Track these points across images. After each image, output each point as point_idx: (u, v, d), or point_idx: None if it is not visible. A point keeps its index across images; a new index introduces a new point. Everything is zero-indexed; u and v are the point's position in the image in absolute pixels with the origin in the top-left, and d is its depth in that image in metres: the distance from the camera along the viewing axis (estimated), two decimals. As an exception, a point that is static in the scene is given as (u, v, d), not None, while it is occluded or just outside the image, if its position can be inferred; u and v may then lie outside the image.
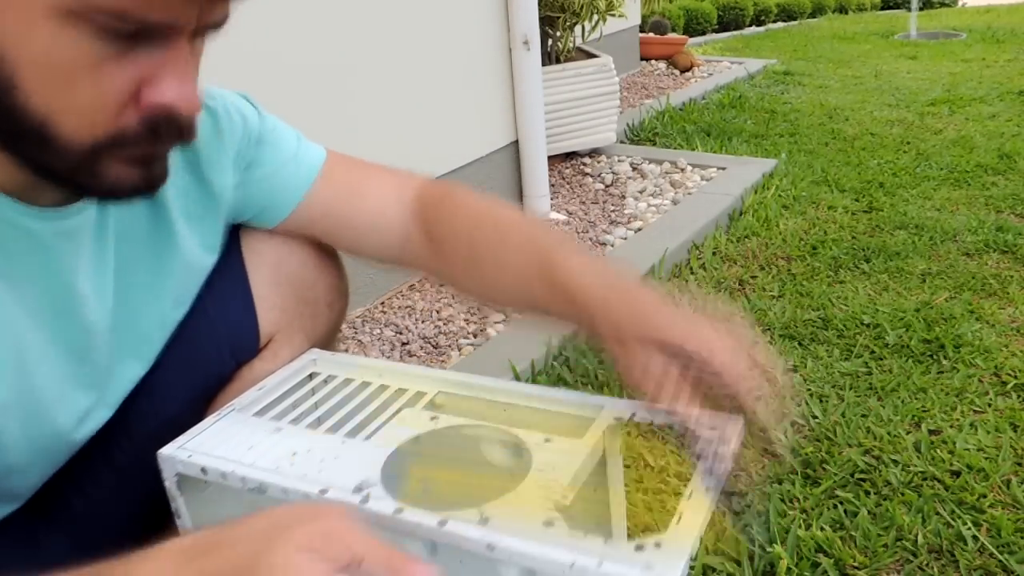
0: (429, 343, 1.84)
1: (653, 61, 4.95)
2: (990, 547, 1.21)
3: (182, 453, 0.68)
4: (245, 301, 0.84)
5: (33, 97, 0.51)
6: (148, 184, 0.59)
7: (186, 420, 0.77)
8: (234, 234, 0.86)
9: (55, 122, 0.52)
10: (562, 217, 2.57)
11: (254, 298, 0.84)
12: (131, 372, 0.77)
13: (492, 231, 0.82)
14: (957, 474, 1.37)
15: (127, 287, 0.73)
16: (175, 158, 0.72)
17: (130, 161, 0.57)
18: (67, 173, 0.56)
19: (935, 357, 1.74)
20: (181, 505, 0.70)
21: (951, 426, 1.50)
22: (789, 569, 1.17)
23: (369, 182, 0.90)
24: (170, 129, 0.56)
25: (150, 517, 0.81)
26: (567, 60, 2.99)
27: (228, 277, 0.84)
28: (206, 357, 0.82)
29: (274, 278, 0.85)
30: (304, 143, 0.88)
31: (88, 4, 0.48)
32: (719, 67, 4.99)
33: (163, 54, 0.53)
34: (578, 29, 3.03)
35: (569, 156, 3.08)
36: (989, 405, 1.56)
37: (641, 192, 2.77)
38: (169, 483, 0.69)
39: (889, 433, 1.48)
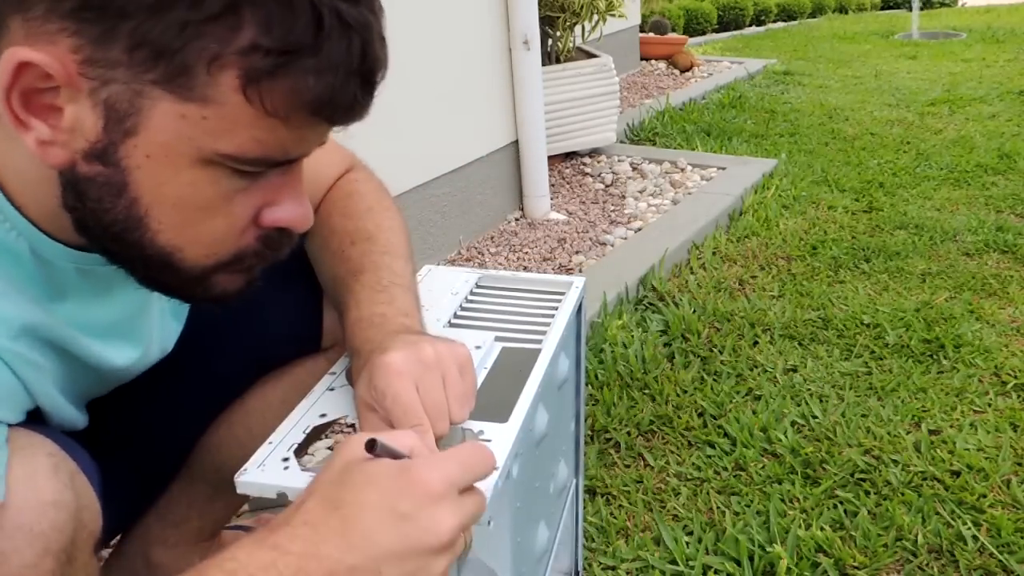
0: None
1: (653, 61, 4.94)
2: (990, 547, 1.21)
3: None
4: (315, 307, 0.88)
5: (163, 232, 0.54)
6: (248, 289, 0.62)
7: (239, 383, 0.88)
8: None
9: (181, 252, 0.55)
10: (562, 217, 2.57)
11: (324, 310, 0.88)
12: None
13: (327, 238, 0.85)
14: (957, 474, 1.37)
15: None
16: None
17: (237, 271, 0.60)
18: (178, 289, 0.59)
19: (935, 357, 1.74)
20: None
21: (951, 426, 1.50)
22: (789, 569, 1.17)
23: (319, 165, 0.91)
24: (284, 242, 0.60)
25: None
26: (567, 60, 2.99)
27: (301, 281, 0.87)
28: (271, 339, 0.88)
29: None
30: None
31: (233, 156, 0.52)
32: (719, 67, 4.99)
33: (283, 178, 0.57)
34: (578, 29, 3.02)
35: (569, 156, 3.08)
36: (989, 405, 1.56)
37: (641, 192, 2.77)
38: None
39: (889, 433, 1.48)
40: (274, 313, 0.89)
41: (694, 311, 1.93)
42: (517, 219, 2.59)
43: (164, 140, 0.51)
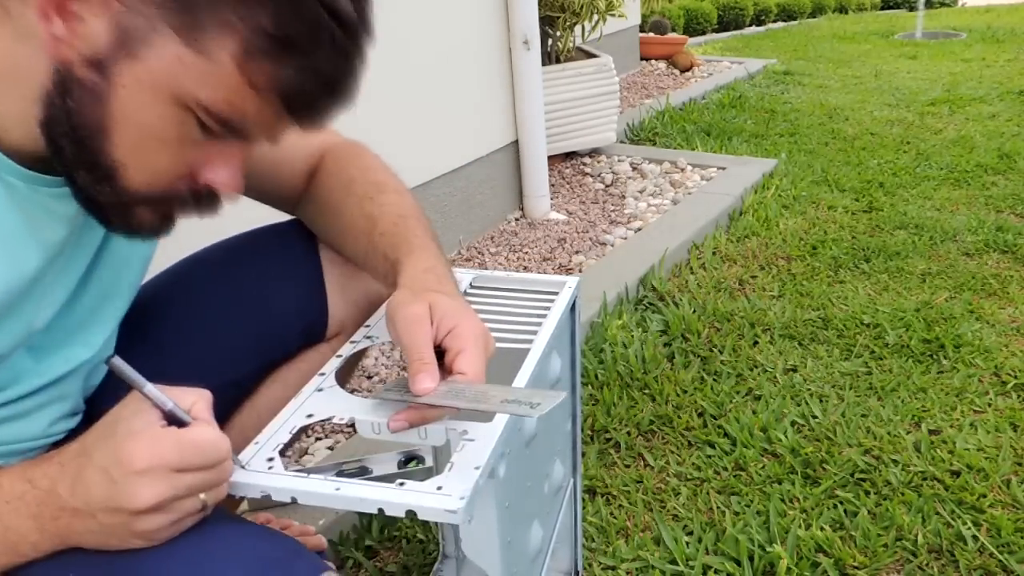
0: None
1: (653, 61, 4.94)
2: (990, 547, 1.21)
3: None
4: (320, 295, 0.92)
5: (119, 148, 0.60)
6: (162, 230, 0.68)
7: (249, 381, 0.91)
8: (312, 237, 0.93)
9: (124, 170, 0.61)
10: (562, 217, 2.57)
11: (328, 295, 0.92)
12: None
13: (347, 184, 0.88)
14: (957, 474, 1.37)
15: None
16: None
17: (159, 211, 0.66)
18: (104, 205, 0.63)
19: (935, 357, 1.74)
20: None
21: (951, 426, 1.50)
22: (789, 569, 1.17)
23: (302, 137, 0.92)
24: (210, 202, 0.67)
25: None
26: (567, 60, 2.99)
27: (306, 268, 0.91)
28: (278, 331, 0.91)
29: (344, 285, 0.93)
30: None
31: (206, 108, 0.59)
32: (719, 67, 4.98)
33: (229, 147, 0.64)
34: (578, 29, 3.02)
35: (569, 156, 3.08)
36: (989, 405, 1.56)
37: (641, 192, 2.77)
38: None
39: (889, 433, 1.48)
40: (280, 304, 0.90)
41: (694, 311, 1.93)
42: (517, 219, 2.59)
43: (156, 72, 0.58)
